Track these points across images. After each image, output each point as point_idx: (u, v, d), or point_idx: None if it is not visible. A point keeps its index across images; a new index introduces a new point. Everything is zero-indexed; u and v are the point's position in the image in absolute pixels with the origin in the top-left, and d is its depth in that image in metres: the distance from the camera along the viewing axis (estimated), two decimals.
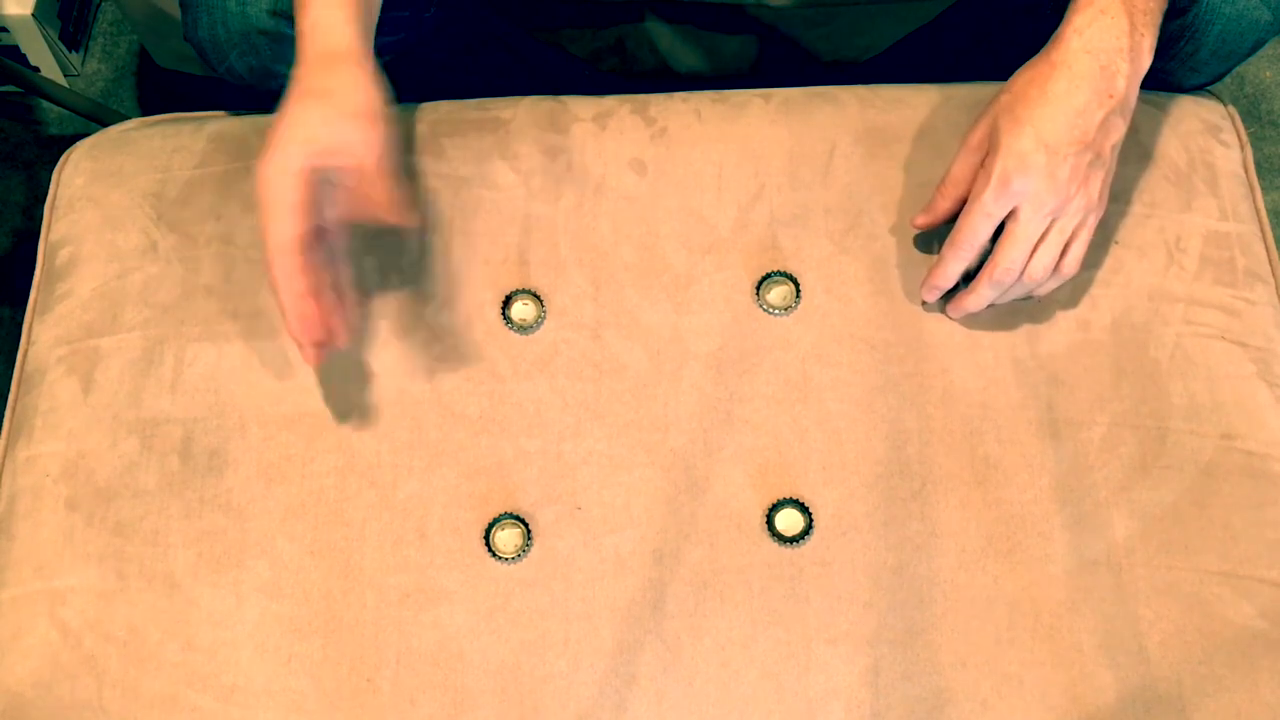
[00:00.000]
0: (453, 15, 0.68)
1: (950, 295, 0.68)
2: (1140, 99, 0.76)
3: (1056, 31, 0.63)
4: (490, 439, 0.67)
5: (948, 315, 0.68)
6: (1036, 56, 0.64)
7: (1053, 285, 0.67)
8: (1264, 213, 0.74)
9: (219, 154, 0.77)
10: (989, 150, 0.64)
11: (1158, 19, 0.62)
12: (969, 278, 0.67)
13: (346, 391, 0.69)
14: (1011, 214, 0.63)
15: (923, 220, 0.69)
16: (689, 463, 0.67)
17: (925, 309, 0.69)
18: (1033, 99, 0.62)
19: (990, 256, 0.65)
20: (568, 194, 0.74)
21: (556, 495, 0.66)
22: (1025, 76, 0.63)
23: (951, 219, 0.67)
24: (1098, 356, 0.68)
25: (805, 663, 0.62)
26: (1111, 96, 0.61)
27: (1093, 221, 0.64)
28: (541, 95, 0.78)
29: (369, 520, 0.66)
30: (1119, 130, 0.63)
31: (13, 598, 0.65)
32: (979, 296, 0.66)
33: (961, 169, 0.66)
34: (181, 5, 0.76)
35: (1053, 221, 0.63)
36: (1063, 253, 0.65)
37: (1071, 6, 0.63)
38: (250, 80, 0.76)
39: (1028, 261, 0.64)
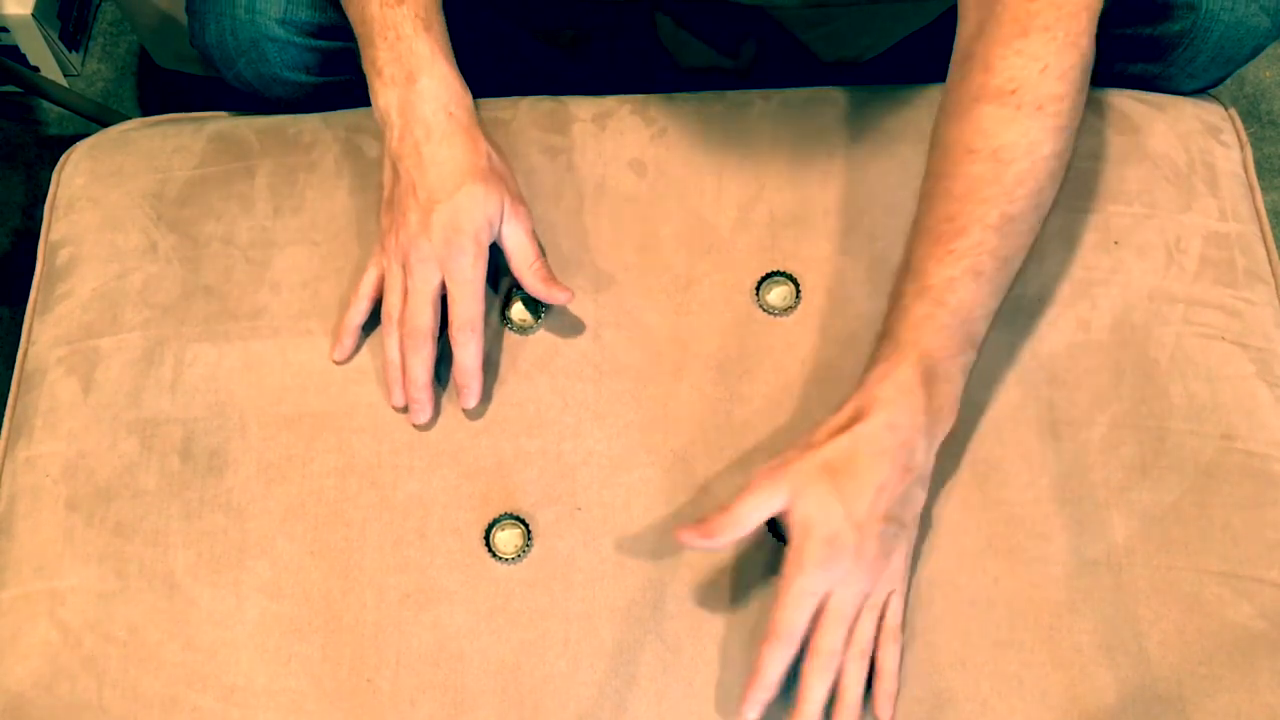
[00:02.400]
0: (453, 15, 0.69)
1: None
2: (1140, 99, 0.76)
3: (861, 391, 0.60)
4: (490, 439, 0.67)
5: None
6: (842, 418, 0.60)
7: (894, 656, 0.60)
8: (1264, 213, 0.74)
9: (219, 154, 0.77)
10: (794, 523, 0.58)
11: (959, 384, 0.60)
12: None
13: (346, 391, 0.69)
14: (823, 597, 0.58)
15: (691, 536, 0.60)
16: (689, 463, 0.67)
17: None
18: (840, 471, 0.58)
19: (809, 647, 0.59)
20: (568, 194, 0.74)
21: (556, 496, 0.66)
22: (834, 443, 0.59)
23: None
24: (1098, 356, 0.68)
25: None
26: (911, 470, 0.59)
27: (902, 587, 0.61)
28: (541, 95, 0.78)
29: (369, 520, 0.66)
30: (920, 500, 0.61)
31: (13, 598, 0.65)
32: (811, 692, 0.58)
33: (754, 508, 0.59)
34: (188, 11, 0.76)
35: (865, 597, 0.59)
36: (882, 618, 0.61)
37: (870, 369, 0.61)
38: (258, 87, 0.77)
39: (847, 642, 0.59)
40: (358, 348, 0.69)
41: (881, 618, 0.61)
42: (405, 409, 0.67)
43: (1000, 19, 0.58)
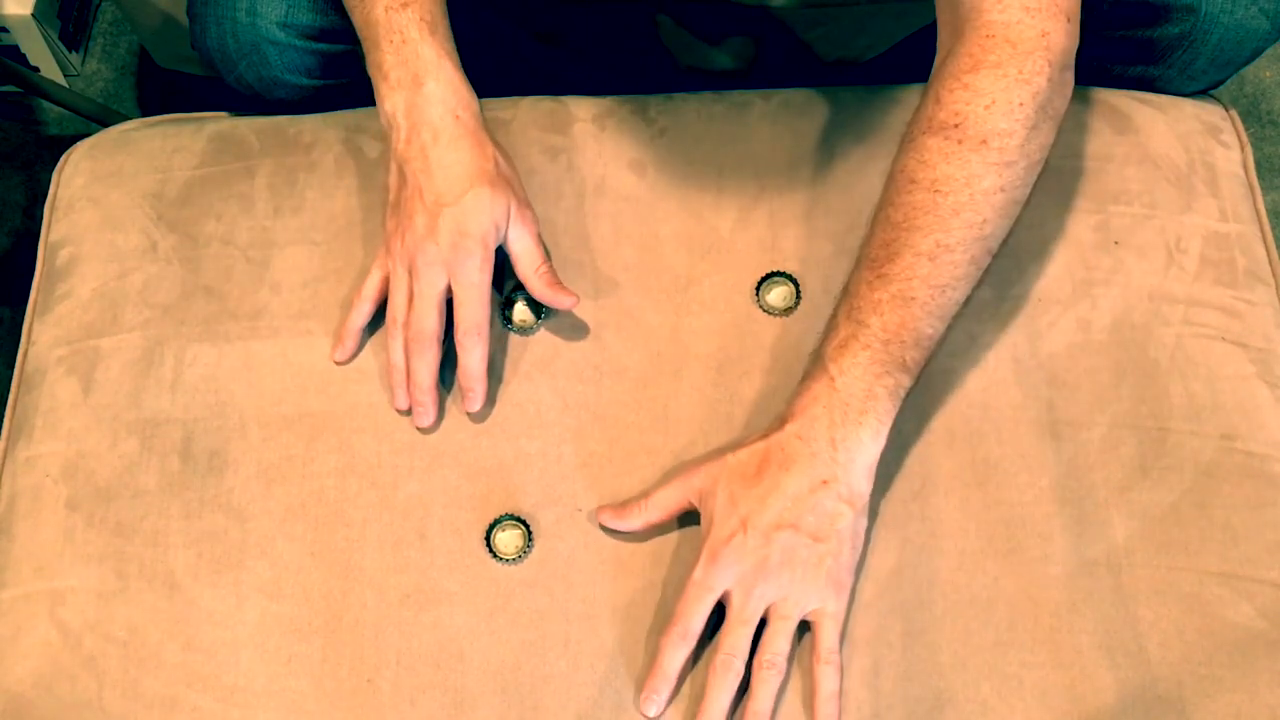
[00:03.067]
0: (454, 16, 0.69)
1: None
2: (1140, 100, 0.76)
3: (788, 403, 0.62)
4: (491, 440, 0.67)
5: None
6: (768, 425, 0.63)
7: (828, 680, 0.60)
8: (1264, 213, 0.74)
9: (219, 154, 0.77)
10: (702, 520, 0.62)
11: (885, 404, 0.60)
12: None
13: (346, 392, 0.69)
14: (725, 599, 0.60)
15: (608, 518, 0.64)
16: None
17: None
18: (748, 478, 0.61)
19: (712, 651, 0.60)
20: (568, 194, 0.74)
21: (557, 496, 0.66)
22: (749, 450, 0.62)
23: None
24: (1098, 357, 0.68)
25: (805, 663, 0.62)
26: (826, 483, 0.60)
27: (834, 609, 0.60)
28: (541, 95, 0.78)
29: (369, 521, 0.66)
30: (841, 516, 0.60)
31: (13, 598, 0.65)
32: (713, 697, 0.59)
33: (666, 498, 0.63)
34: (189, 14, 0.76)
35: (771, 607, 0.60)
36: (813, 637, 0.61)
37: (800, 381, 0.63)
38: (259, 89, 0.77)
39: (757, 651, 0.60)
40: (359, 349, 0.69)
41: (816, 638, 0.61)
42: (409, 411, 0.67)
43: (956, 54, 0.58)
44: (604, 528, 0.65)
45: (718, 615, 0.61)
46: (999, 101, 0.57)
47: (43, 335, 0.72)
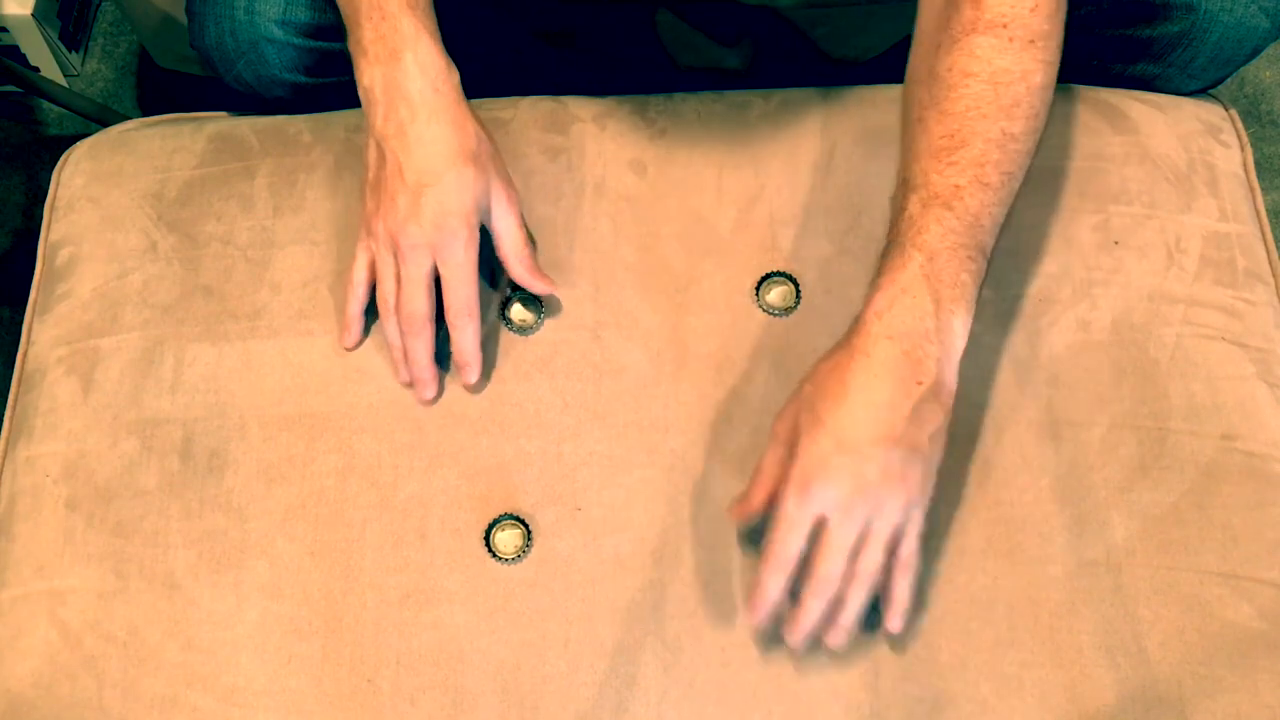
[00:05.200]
0: (454, 15, 0.69)
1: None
2: (1140, 99, 0.76)
3: (859, 313, 0.59)
4: (490, 440, 0.67)
5: (789, 644, 0.59)
6: (841, 339, 0.59)
7: (906, 583, 0.59)
8: (1264, 213, 0.74)
9: (219, 154, 0.77)
10: (792, 450, 0.58)
11: (972, 292, 0.58)
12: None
13: (346, 391, 0.69)
14: (821, 522, 0.57)
15: (740, 511, 0.62)
16: (689, 463, 0.67)
17: (759, 629, 0.61)
18: (831, 393, 0.57)
19: (807, 569, 0.58)
20: (568, 194, 0.74)
21: (557, 496, 0.66)
22: (827, 364, 0.59)
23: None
24: (1098, 357, 0.68)
25: (805, 663, 0.62)
26: (921, 384, 0.56)
27: (918, 516, 0.58)
28: (541, 95, 0.78)
29: (369, 521, 0.66)
30: (935, 419, 0.57)
31: (13, 598, 0.65)
32: (808, 611, 0.58)
33: (770, 462, 0.60)
34: (188, 13, 0.76)
35: (869, 525, 0.57)
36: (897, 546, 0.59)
37: (872, 285, 0.59)
38: (258, 89, 0.77)
39: (852, 568, 0.58)
40: (366, 332, 0.69)
41: (898, 544, 0.58)
42: (410, 384, 0.68)
43: None
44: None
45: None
46: (1041, 5, 0.59)
47: (43, 335, 0.72)
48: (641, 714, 0.61)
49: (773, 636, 0.62)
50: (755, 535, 0.63)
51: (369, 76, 0.65)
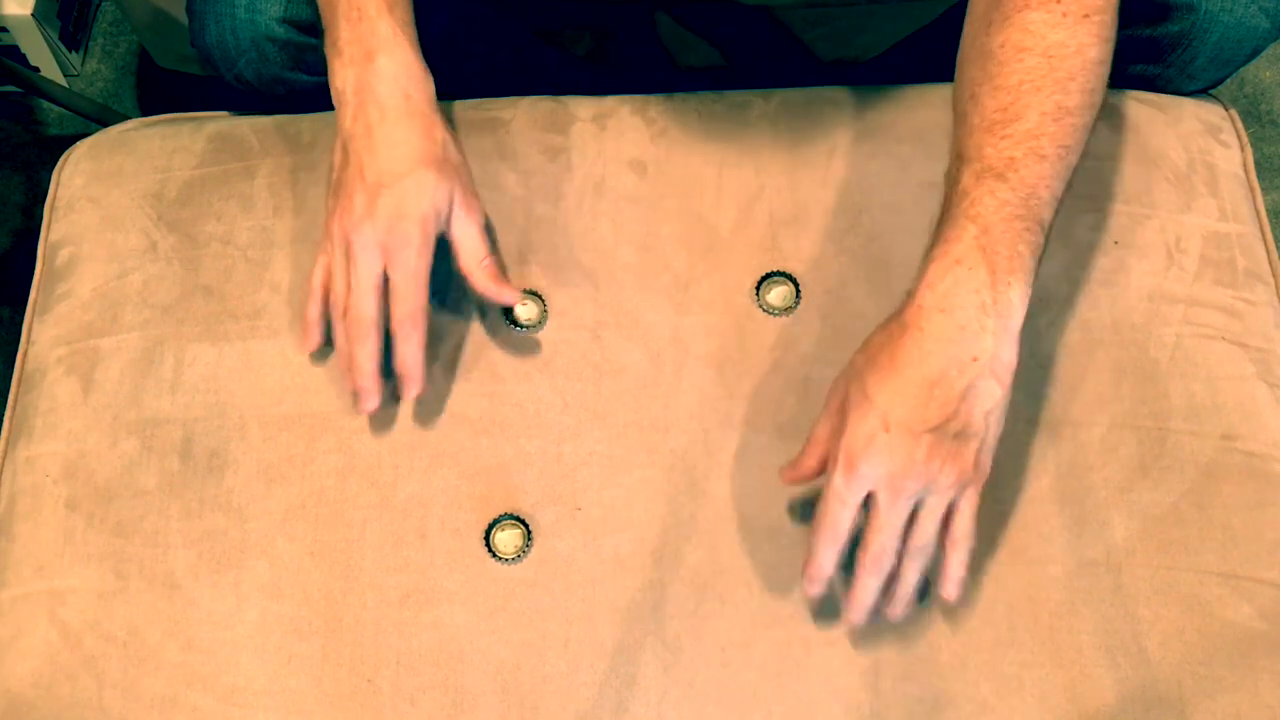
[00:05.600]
0: (454, 15, 0.69)
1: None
2: (1140, 99, 0.76)
3: (911, 286, 0.57)
4: (490, 440, 0.67)
5: (849, 621, 0.59)
6: (894, 312, 0.58)
7: (960, 557, 0.58)
8: (1264, 213, 0.74)
9: (219, 154, 0.77)
10: (842, 422, 0.58)
11: (1030, 264, 0.56)
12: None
13: (346, 391, 0.69)
14: (871, 498, 0.57)
15: (790, 475, 0.62)
16: (689, 463, 0.67)
17: (814, 601, 0.62)
18: (882, 367, 0.56)
19: (860, 545, 0.58)
20: (568, 194, 0.74)
21: (557, 496, 0.66)
22: (880, 336, 0.58)
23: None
24: (1098, 356, 0.68)
25: (805, 663, 0.62)
26: (976, 359, 0.55)
27: (972, 493, 0.58)
28: (541, 95, 0.78)
29: (369, 521, 0.66)
30: (992, 396, 0.55)
31: (13, 598, 0.65)
32: (864, 588, 0.58)
33: (823, 430, 0.60)
34: (188, 11, 0.76)
35: (919, 502, 0.57)
36: (952, 522, 0.58)
37: (925, 257, 0.58)
38: (259, 87, 0.77)
39: (905, 543, 0.58)
40: (323, 337, 0.68)
41: (951, 519, 0.58)
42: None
43: None
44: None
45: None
46: None
47: (42, 335, 0.72)
48: (641, 714, 0.61)
49: (826, 609, 0.61)
50: (807, 509, 0.63)
51: (341, 77, 0.64)
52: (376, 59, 0.63)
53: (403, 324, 0.63)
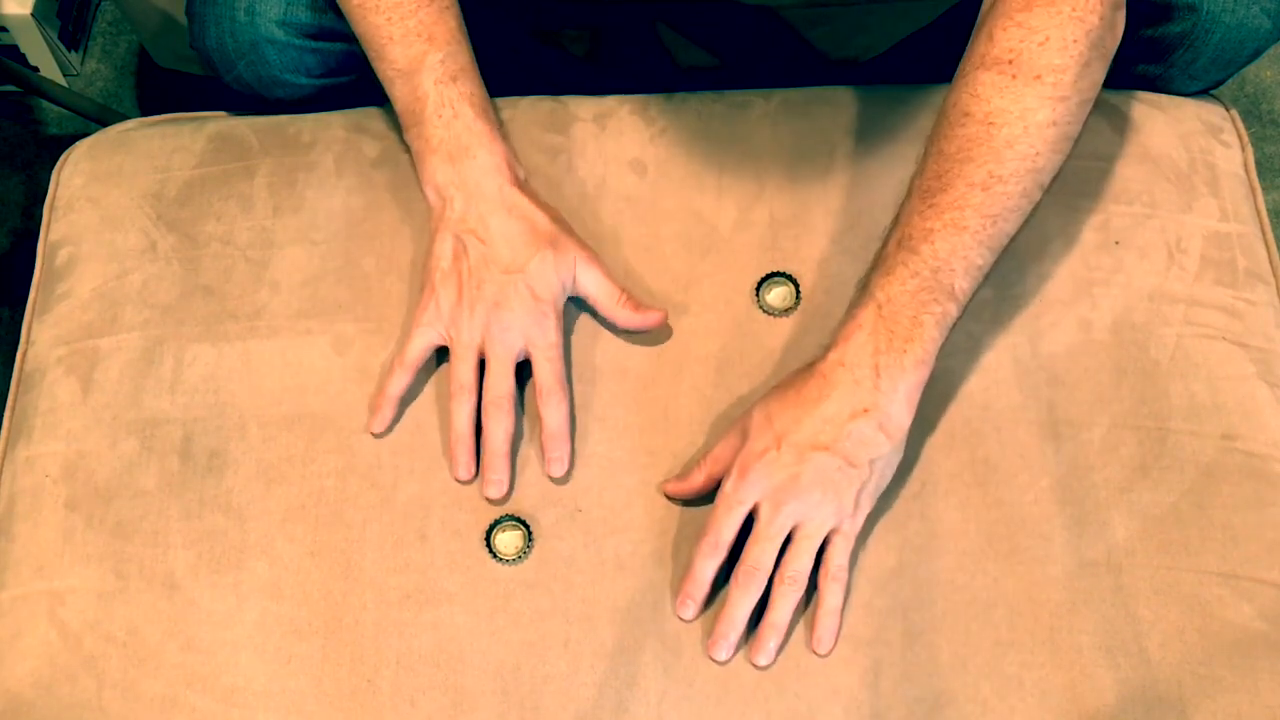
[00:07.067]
0: None
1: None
2: (1141, 99, 0.76)
3: (829, 339, 0.63)
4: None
5: (714, 654, 0.62)
6: (810, 361, 0.64)
7: (833, 591, 0.62)
8: (1265, 213, 0.74)
9: (219, 154, 0.77)
10: (743, 445, 0.63)
11: (932, 333, 0.60)
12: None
13: (346, 391, 0.69)
14: (754, 513, 0.62)
15: (672, 487, 0.65)
16: (689, 464, 0.67)
17: (685, 619, 0.63)
18: (787, 400, 0.62)
19: (738, 562, 0.62)
20: (568, 194, 0.74)
21: (557, 497, 0.66)
22: (793, 378, 0.63)
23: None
24: (1098, 356, 0.68)
25: (805, 663, 0.62)
26: (868, 411, 0.60)
27: (849, 528, 0.62)
28: (541, 95, 0.78)
29: (369, 521, 0.66)
30: (877, 445, 0.61)
31: (13, 598, 0.65)
32: (734, 604, 0.61)
33: (724, 450, 0.64)
34: (188, 14, 0.76)
35: (797, 525, 0.61)
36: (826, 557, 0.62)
37: (844, 316, 0.63)
38: (258, 89, 0.77)
39: (779, 569, 0.61)
40: (397, 418, 0.68)
41: (825, 554, 0.62)
42: (469, 481, 0.66)
43: None
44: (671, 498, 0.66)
45: (748, 529, 0.62)
46: (1053, 38, 0.58)
47: (42, 335, 0.72)
48: (641, 714, 0.61)
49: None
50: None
51: (442, 173, 0.68)
52: (476, 154, 0.68)
53: (552, 392, 0.66)
